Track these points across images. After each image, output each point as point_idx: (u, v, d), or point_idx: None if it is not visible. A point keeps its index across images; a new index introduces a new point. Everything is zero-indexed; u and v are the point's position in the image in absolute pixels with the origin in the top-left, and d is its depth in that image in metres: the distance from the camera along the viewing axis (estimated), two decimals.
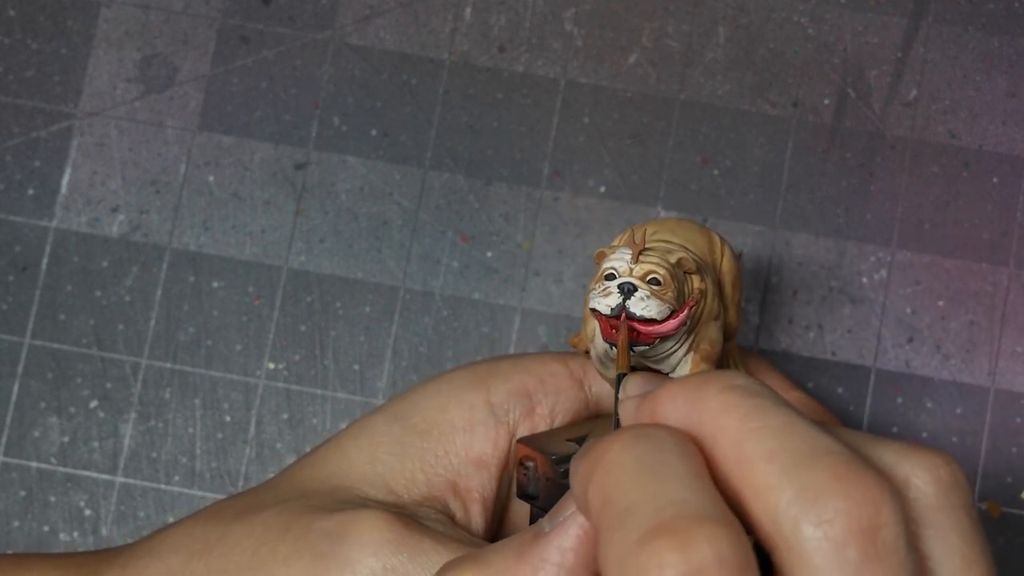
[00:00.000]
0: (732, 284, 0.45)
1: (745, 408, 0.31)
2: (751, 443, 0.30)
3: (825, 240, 0.55)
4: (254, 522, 0.42)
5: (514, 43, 0.57)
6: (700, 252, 0.44)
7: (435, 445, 0.44)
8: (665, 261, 0.41)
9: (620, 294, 0.40)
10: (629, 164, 0.56)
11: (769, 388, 0.32)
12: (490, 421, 0.45)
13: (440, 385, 0.45)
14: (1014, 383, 0.54)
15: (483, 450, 0.44)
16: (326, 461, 0.45)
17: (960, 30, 0.57)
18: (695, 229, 0.44)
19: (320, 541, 0.41)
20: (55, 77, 0.57)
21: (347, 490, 0.43)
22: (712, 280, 0.43)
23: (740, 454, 0.30)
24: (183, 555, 0.42)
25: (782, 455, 0.30)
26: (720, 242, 0.45)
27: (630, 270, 0.40)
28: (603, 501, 0.30)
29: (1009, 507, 0.54)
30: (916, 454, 0.32)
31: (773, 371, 0.49)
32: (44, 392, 0.55)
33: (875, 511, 0.29)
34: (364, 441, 0.45)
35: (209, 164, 0.56)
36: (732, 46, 0.57)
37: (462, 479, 0.44)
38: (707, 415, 0.31)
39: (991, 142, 0.56)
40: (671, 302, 0.40)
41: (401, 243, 0.56)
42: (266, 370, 0.55)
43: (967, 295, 0.55)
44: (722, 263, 0.44)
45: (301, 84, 0.57)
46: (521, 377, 0.45)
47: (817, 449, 0.30)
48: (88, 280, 0.55)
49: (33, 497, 0.54)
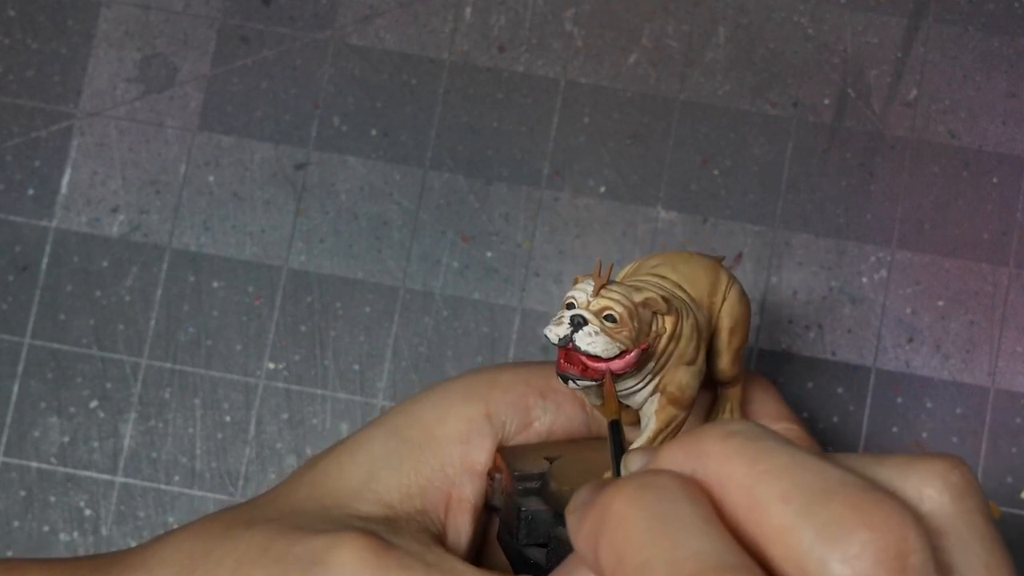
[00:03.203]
0: (731, 330, 0.44)
1: (750, 452, 0.30)
2: (762, 486, 0.30)
3: (825, 240, 0.55)
4: (238, 539, 0.42)
5: (514, 43, 0.57)
6: (698, 292, 0.43)
7: (431, 458, 0.44)
8: (628, 299, 0.40)
9: (570, 325, 0.39)
10: (629, 164, 0.56)
11: (768, 428, 0.31)
12: (486, 430, 0.44)
13: (440, 396, 0.45)
14: (1014, 383, 0.54)
15: (477, 459, 0.44)
16: (324, 479, 0.44)
17: (960, 30, 0.57)
18: (704, 268, 0.44)
19: (295, 566, 0.40)
20: (55, 77, 0.57)
21: (339, 508, 0.43)
22: (696, 324, 0.42)
23: (752, 499, 0.30)
24: (172, 570, 0.42)
25: (796, 494, 0.29)
26: (728, 285, 0.44)
27: (588, 303, 0.40)
28: (617, 560, 0.30)
29: (1009, 507, 0.54)
30: (923, 464, 0.31)
31: (770, 400, 0.48)
32: (44, 392, 0.55)
33: (901, 538, 0.29)
34: (361, 458, 0.44)
35: (209, 164, 0.56)
36: (732, 46, 0.57)
37: (456, 489, 0.44)
38: (711, 464, 0.31)
39: (991, 142, 0.56)
40: (624, 341, 0.39)
41: (401, 243, 0.56)
42: (266, 370, 0.55)
43: (967, 295, 0.55)
44: (722, 307, 0.44)
45: (301, 84, 0.57)
46: (522, 390, 0.45)
47: (830, 483, 0.29)
48: (88, 280, 0.55)
49: (33, 497, 0.54)
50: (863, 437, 0.54)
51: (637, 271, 0.44)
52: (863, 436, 0.54)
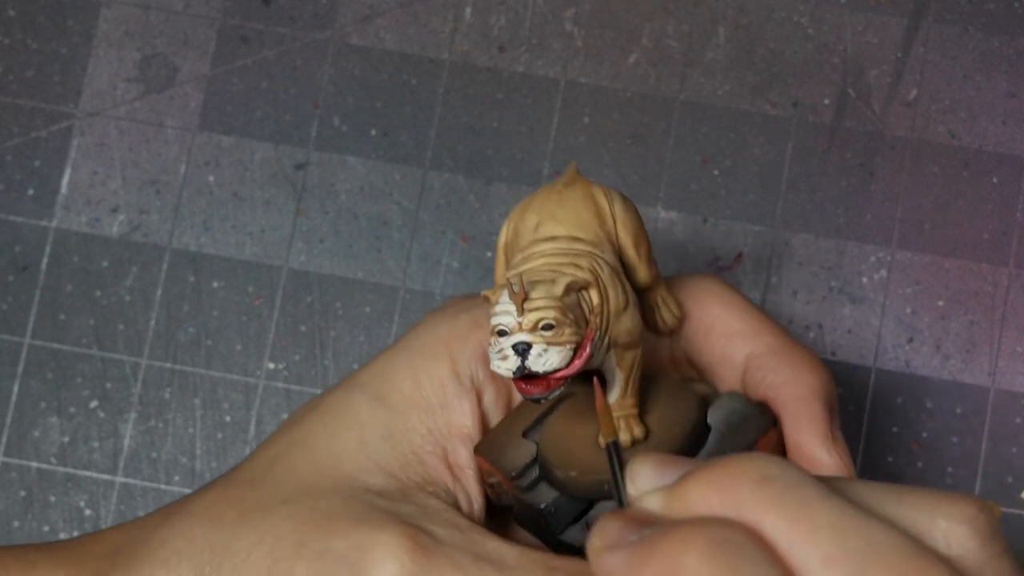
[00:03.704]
0: (634, 243, 0.42)
1: (789, 505, 0.29)
2: (805, 546, 0.29)
3: (825, 240, 0.55)
4: (262, 529, 0.42)
5: (514, 43, 0.57)
6: (591, 232, 0.42)
7: (418, 424, 0.44)
8: (552, 299, 0.39)
9: (517, 355, 0.38)
10: (629, 164, 0.56)
11: (804, 473, 0.30)
12: (459, 391, 0.44)
13: (408, 358, 0.45)
14: (1014, 383, 0.54)
15: (463, 423, 0.44)
16: (316, 444, 0.44)
17: (960, 30, 0.57)
18: (579, 200, 0.42)
19: (339, 568, 0.40)
20: (55, 77, 0.57)
21: (348, 481, 0.43)
22: (611, 268, 0.41)
23: (795, 559, 0.29)
24: (191, 564, 0.42)
25: (842, 558, 0.28)
26: (608, 204, 0.42)
27: (519, 324, 0.39)
28: None
29: (1009, 507, 0.54)
30: (948, 506, 0.31)
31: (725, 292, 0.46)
32: (44, 392, 0.55)
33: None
34: (349, 421, 0.44)
35: (209, 164, 0.56)
36: (732, 46, 0.57)
37: (451, 455, 0.44)
38: (748, 514, 0.29)
39: (991, 142, 0.56)
40: (571, 338, 0.39)
41: (401, 243, 0.56)
42: (266, 370, 0.55)
43: (967, 295, 0.55)
44: (617, 229, 0.42)
45: (301, 84, 0.57)
46: (478, 335, 0.45)
47: (877, 546, 0.29)
48: (88, 280, 0.55)
49: (33, 497, 0.54)
50: (863, 437, 0.54)
51: (518, 239, 0.42)
52: (863, 436, 0.54)
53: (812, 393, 0.43)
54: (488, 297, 0.40)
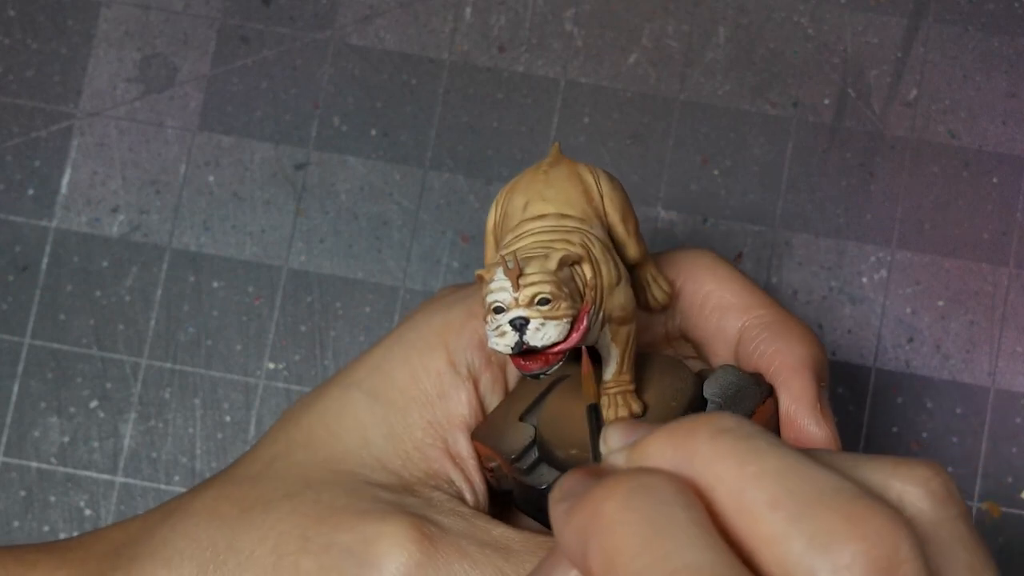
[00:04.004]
0: (622, 219, 0.42)
1: (740, 453, 0.30)
2: (752, 490, 0.29)
3: (825, 240, 0.55)
4: (265, 525, 0.42)
5: (514, 43, 0.57)
6: (579, 208, 0.42)
7: (418, 419, 0.44)
8: (547, 273, 0.39)
9: (514, 330, 0.39)
10: (629, 164, 0.56)
11: (758, 427, 0.30)
12: (456, 381, 0.44)
13: (404, 352, 0.45)
14: (1014, 383, 0.54)
15: (460, 413, 0.44)
16: (318, 446, 0.44)
17: (960, 30, 0.57)
18: (566, 178, 0.42)
19: (345, 561, 0.40)
20: (55, 77, 0.57)
21: (350, 475, 0.43)
22: (602, 243, 0.41)
23: (742, 503, 0.29)
24: (193, 564, 0.42)
25: (787, 501, 0.29)
26: (595, 181, 0.42)
27: (515, 300, 0.39)
28: (607, 566, 0.29)
29: (1009, 507, 0.54)
30: (905, 469, 0.31)
31: (718, 265, 0.46)
32: (44, 392, 0.55)
33: (893, 549, 0.28)
34: (350, 423, 0.44)
35: (209, 164, 0.56)
36: (732, 46, 0.57)
37: (451, 445, 0.44)
38: (700, 464, 0.30)
39: (991, 142, 0.56)
40: (567, 312, 0.39)
41: (401, 243, 0.56)
42: (266, 370, 0.55)
43: (967, 295, 0.55)
44: (605, 205, 0.42)
45: (301, 84, 0.57)
46: (473, 325, 0.45)
47: (822, 490, 0.29)
48: (88, 280, 0.55)
49: (33, 497, 0.54)
50: (863, 437, 0.54)
51: (507, 220, 0.43)
52: (863, 436, 0.54)
53: (802, 364, 0.44)
54: (482, 276, 0.40)
